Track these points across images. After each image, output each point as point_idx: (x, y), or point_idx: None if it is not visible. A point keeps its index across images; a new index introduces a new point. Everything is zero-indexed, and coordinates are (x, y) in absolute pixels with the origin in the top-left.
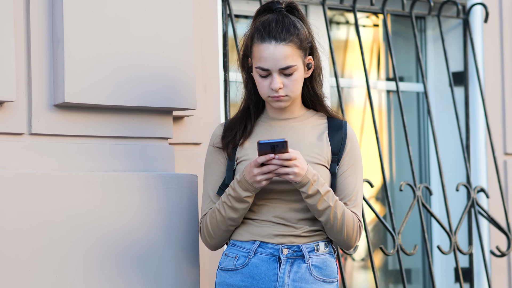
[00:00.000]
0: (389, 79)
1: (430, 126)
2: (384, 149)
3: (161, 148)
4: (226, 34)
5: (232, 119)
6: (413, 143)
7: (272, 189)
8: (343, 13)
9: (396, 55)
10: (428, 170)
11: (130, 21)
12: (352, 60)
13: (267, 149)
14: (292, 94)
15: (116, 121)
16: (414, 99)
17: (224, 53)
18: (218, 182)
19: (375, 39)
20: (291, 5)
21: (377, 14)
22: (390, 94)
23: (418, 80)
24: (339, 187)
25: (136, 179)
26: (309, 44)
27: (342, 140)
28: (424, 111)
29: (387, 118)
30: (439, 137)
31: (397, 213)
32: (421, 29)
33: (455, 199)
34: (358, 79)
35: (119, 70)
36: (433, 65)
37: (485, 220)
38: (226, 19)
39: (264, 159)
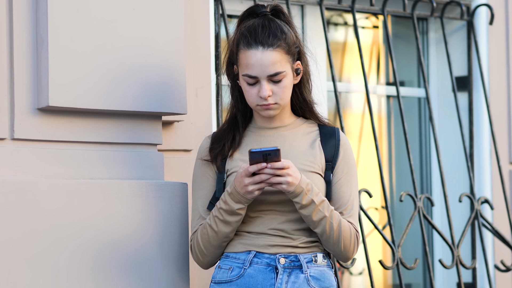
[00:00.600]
0: (389, 83)
1: (432, 133)
2: (383, 157)
3: (150, 154)
4: (219, 35)
5: (219, 130)
6: (414, 151)
7: (265, 200)
8: (341, 14)
9: (397, 58)
10: (429, 180)
11: (118, 21)
12: (351, 63)
13: (259, 158)
14: (281, 102)
15: (103, 126)
16: (415, 104)
17: (217, 55)
18: (208, 197)
19: (375, 41)
20: (277, 8)
21: (377, 15)
22: (390, 99)
23: (419, 85)
24: (334, 196)
25: (123, 187)
26: (297, 48)
27: (335, 147)
28: (425, 117)
29: (387, 125)
30: (442, 145)
31: (397, 224)
32: (423, 31)
33: (458, 211)
34: (357, 84)
35: (106, 73)
36: (435, 69)
37: (489, 232)
38: (219, 19)
39: (256, 168)
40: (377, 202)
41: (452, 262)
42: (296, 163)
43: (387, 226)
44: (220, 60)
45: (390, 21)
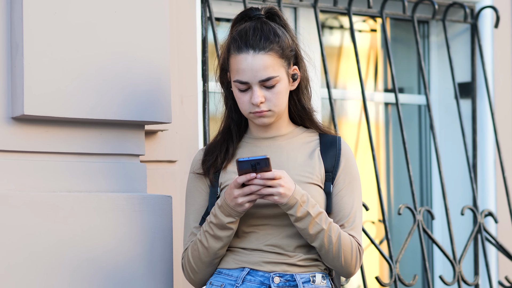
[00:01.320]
0: (387, 90)
1: (432, 142)
2: (381, 168)
3: (132, 166)
4: (206, 39)
5: (212, 142)
6: (413, 161)
7: (260, 214)
8: (337, 17)
9: (396, 63)
10: (430, 192)
11: (99, 25)
12: (347, 69)
13: (247, 168)
14: (276, 109)
15: (82, 136)
16: (415, 112)
17: (203, 61)
18: (201, 212)
19: (373, 45)
20: (272, 11)
21: (374, 18)
22: (388, 107)
23: (420, 92)
24: (335, 208)
25: (103, 200)
26: (292, 52)
27: (336, 156)
28: (426, 126)
29: (385, 134)
30: (443, 155)
31: (395, 239)
32: (424, 35)
33: (460, 224)
34: (353, 90)
35: (85, 80)
36: (436, 75)
37: (493, 247)
38: (206, 22)
39: (245, 179)
40: (374, 215)
41: (454, 278)
42: (293, 174)
43: (384, 240)
44: (207, 65)
45: (389, 24)
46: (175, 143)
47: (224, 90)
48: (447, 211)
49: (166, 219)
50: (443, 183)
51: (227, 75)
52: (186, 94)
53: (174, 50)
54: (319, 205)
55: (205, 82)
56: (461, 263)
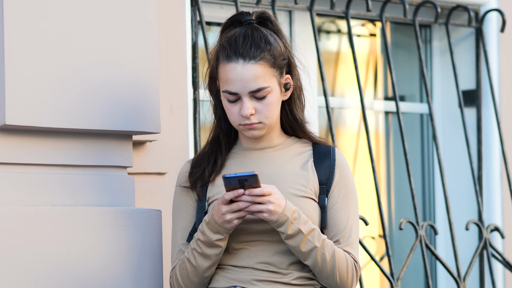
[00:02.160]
0: (388, 98)
1: (435, 153)
2: (381, 181)
3: (119, 178)
4: (196, 45)
5: (200, 153)
6: (415, 173)
7: (250, 230)
8: (334, 21)
9: (397, 70)
10: (433, 206)
11: (83, 30)
12: (345, 75)
13: (234, 184)
14: (267, 121)
15: (66, 147)
16: (417, 122)
17: (194, 67)
18: (188, 228)
19: (372, 51)
20: (263, 16)
21: (374, 22)
22: (389, 116)
23: (422, 100)
24: (330, 223)
25: (89, 215)
26: (285, 61)
27: (330, 167)
28: (429, 136)
29: (385, 144)
30: (446, 166)
31: (396, 255)
32: (426, 40)
33: (464, 240)
34: (352, 99)
35: (70, 88)
36: (439, 82)
37: (499, 264)
38: (196, 27)
39: (232, 196)
40: (374, 230)
41: None
42: (285, 187)
43: (385, 257)
44: (198, 72)
45: (389, 28)
46: (165, 154)
47: (213, 98)
48: (451, 226)
49: (155, 234)
50: (446, 196)
51: (216, 83)
52: (175, 102)
53: (163, 56)
54: (313, 219)
55: (196, 90)
56: (466, 281)
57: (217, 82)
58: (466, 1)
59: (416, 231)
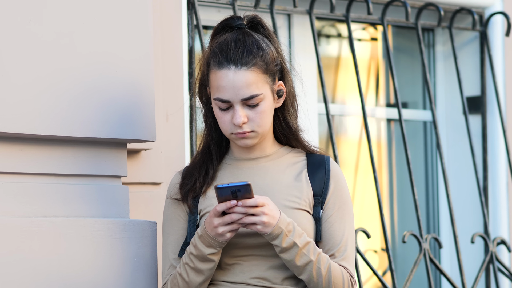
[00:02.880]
0: (390, 105)
1: (439, 163)
2: (383, 191)
3: (113, 188)
4: (193, 49)
5: (191, 164)
6: (419, 184)
7: (243, 244)
8: (334, 24)
9: (399, 75)
10: (437, 218)
11: (76, 33)
12: (345, 81)
13: (227, 195)
14: (259, 129)
15: (58, 156)
16: (420, 129)
17: (190, 73)
18: (179, 242)
19: (373, 56)
20: (255, 20)
21: (375, 26)
22: (391, 123)
23: (425, 107)
24: (325, 236)
25: (82, 226)
26: (277, 67)
27: (325, 178)
28: (432, 144)
29: (387, 153)
30: (451, 176)
31: (399, 269)
32: (429, 44)
33: (470, 253)
34: (352, 105)
35: (62, 94)
36: (443, 88)
37: (506, 278)
38: (193, 31)
39: (225, 207)
40: (376, 243)
41: None
42: (279, 199)
43: (388, 271)
44: (194, 78)
45: (390, 32)
46: (160, 163)
47: (203, 106)
48: (456, 239)
49: (150, 246)
50: (451, 208)
51: (207, 91)
52: (171, 109)
53: (159, 61)
54: (308, 233)
55: (192, 97)
56: None
57: (207, 89)
58: (470, 4)
59: (420, 244)
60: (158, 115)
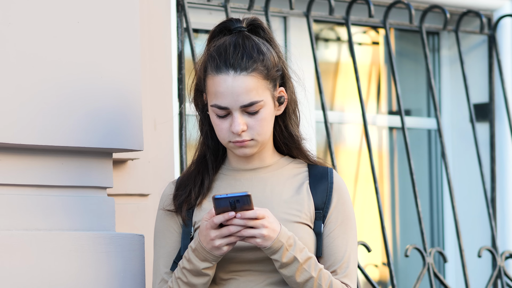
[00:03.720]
0: (392, 112)
1: (445, 173)
2: (385, 203)
3: (98, 200)
4: (182, 54)
5: (185, 173)
6: (422, 195)
7: (240, 258)
8: (333, 27)
9: (402, 81)
10: (442, 230)
11: (59, 37)
12: (345, 88)
13: (225, 206)
14: (259, 138)
15: (40, 166)
16: (424, 138)
17: (180, 78)
18: (172, 255)
19: (375, 61)
20: (255, 23)
21: (377, 29)
22: (393, 131)
23: (429, 114)
24: (326, 251)
25: (65, 240)
26: (279, 72)
27: (327, 191)
28: (437, 153)
29: (389, 163)
30: (457, 187)
31: (401, 285)
32: (434, 48)
33: (476, 268)
34: (352, 113)
35: (44, 101)
36: (449, 94)
37: None
38: (182, 34)
39: (223, 219)
40: (377, 257)
41: None
42: (279, 212)
43: (389, 286)
44: (184, 84)
45: (393, 36)
46: (148, 174)
47: (199, 113)
48: (461, 253)
49: (138, 261)
50: (457, 220)
51: (203, 97)
52: (160, 117)
53: (146, 66)
54: (308, 248)
55: (182, 103)
56: None
57: (204, 96)
58: (478, 6)
59: (424, 258)
60: (146, 123)
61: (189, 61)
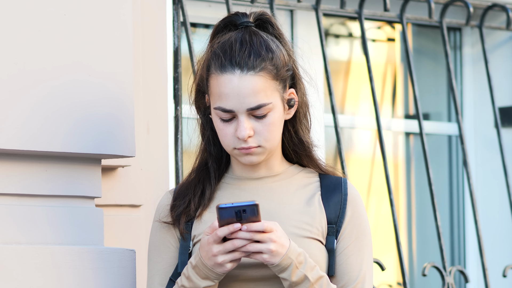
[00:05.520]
0: (409, 116)
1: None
2: (400, 216)
3: (85, 211)
4: (179, 51)
5: (184, 182)
6: (442, 207)
7: (244, 276)
8: (345, 22)
9: (420, 82)
10: (463, 247)
11: (43, 32)
12: (357, 89)
13: (230, 217)
14: (267, 144)
15: (21, 173)
16: (444, 145)
17: (176, 78)
18: (168, 272)
19: (390, 59)
20: (263, 17)
21: (393, 24)
22: (410, 137)
23: (450, 119)
24: (340, 270)
25: (48, 255)
26: (289, 72)
27: (341, 203)
28: (458, 162)
29: (405, 172)
30: (480, 199)
31: None
32: (456, 45)
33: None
34: (365, 117)
35: (26, 102)
36: (471, 97)
37: None
38: (179, 29)
39: (227, 231)
40: (391, 276)
41: None
42: (287, 226)
43: None
44: (181, 84)
45: (410, 32)
46: (140, 183)
47: (200, 116)
48: (485, 272)
49: (128, 279)
50: (480, 235)
51: (205, 98)
52: (153, 120)
53: (139, 64)
54: (319, 265)
55: (178, 105)
56: None
57: (206, 97)
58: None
59: (443, 277)
60: (138, 127)
61: (186, 58)
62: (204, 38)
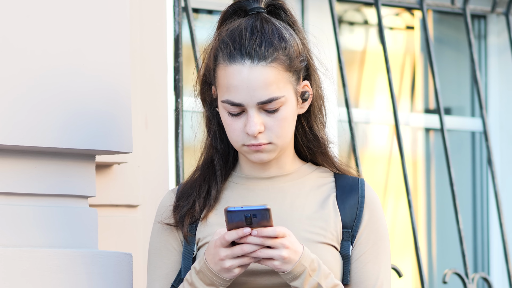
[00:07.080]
0: (429, 111)
1: (491, 183)
2: (419, 219)
3: (78, 211)
4: (180, 38)
5: (188, 181)
6: (464, 209)
7: (253, 284)
8: (360, 9)
9: (441, 73)
10: (487, 252)
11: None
12: (373, 81)
13: (239, 221)
14: (278, 141)
15: (10, 171)
16: (467, 141)
17: (176, 67)
18: (170, 277)
19: (409, 49)
20: (275, 3)
21: (412, 11)
22: (430, 133)
23: (473, 114)
24: (355, 278)
25: (39, 258)
26: (303, 62)
27: (358, 206)
28: (482, 160)
29: (425, 171)
30: (505, 200)
31: None
32: (480, 35)
33: None
34: (381, 111)
35: (14, 94)
36: (497, 90)
37: None
38: (180, 15)
39: (236, 236)
40: (409, 283)
41: None
42: (299, 230)
43: None
44: (182, 74)
45: (431, 20)
46: (137, 181)
47: (206, 110)
48: (510, 279)
49: (124, 284)
50: (505, 240)
51: (212, 91)
52: (152, 113)
53: (137, 54)
54: (334, 273)
55: (179, 98)
56: None
57: (213, 89)
58: None
59: (465, 285)
60: (136, 121)
61: (188, 47)
62: (207, 24)
